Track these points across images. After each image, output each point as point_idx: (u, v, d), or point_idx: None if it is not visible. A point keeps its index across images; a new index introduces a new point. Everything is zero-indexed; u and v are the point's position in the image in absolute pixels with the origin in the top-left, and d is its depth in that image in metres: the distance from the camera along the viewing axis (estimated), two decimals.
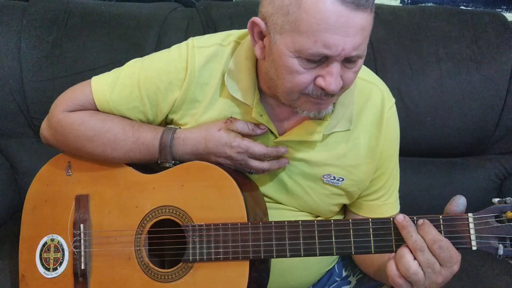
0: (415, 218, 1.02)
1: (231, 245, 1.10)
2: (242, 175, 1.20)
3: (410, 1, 2.05)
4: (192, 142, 1.17)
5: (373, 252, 1.05)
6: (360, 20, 0.97)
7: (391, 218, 1.04)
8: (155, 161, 1.20)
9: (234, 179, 1.13)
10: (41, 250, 1.25)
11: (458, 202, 1.03)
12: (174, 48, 1.22)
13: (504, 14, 1.89)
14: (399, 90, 1.74)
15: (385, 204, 1.27)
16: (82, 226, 1.22)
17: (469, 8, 2.03)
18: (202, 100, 1.19)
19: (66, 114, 1.23)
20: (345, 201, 1.28)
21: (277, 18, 1.00)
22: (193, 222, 1.13)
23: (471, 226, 1.01)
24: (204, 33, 1.66)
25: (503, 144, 1.83)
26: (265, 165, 1.17)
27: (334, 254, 1.08)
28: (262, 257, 1.10)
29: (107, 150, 1.21)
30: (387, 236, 1.04)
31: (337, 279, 1.35)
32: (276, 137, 1.19)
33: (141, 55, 1.26)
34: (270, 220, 1.18)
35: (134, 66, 1.22)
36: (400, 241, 1.03)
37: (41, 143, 1.35)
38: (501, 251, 1.00)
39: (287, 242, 1.08)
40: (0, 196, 1.67)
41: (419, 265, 1.00)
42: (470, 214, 1.02)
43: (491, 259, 1.56)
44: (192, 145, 1.17)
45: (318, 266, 1.32)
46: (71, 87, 1.27)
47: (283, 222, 1.09)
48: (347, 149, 1.21)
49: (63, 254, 1.24)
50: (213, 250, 1.11)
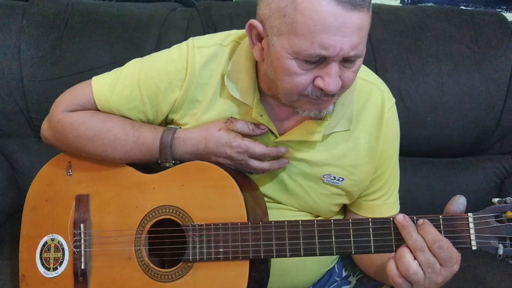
0: (415, 218, 1.02)
1: (231, 244, 1.10)
2: (242, 175, 1.20)
3: (410, 1, 2.05)
4: (192, 142, 1.17)
5: (373, 252, 1.05)
6: (356, 19, 0.97)
7: (391, 218, 1.04)
8: (156, 161, 1.20)
9: (234, 179, 1.13)
10: (41, 250, 1.25)
11: (458, 202, 1.03)
12: (174, 48, 1.22)
13: (504, 14, 1.89)
14: (399, 90, 1.73)
15: (385, 204, 1.27)
16: (82, 226, 1.22)
17: (469, 8, 2.03)
18: (202, 100, 1.19)
19: (66, 114, 1.23)
20: (345, 201, 1.28)
21: (274, 20, 1.00)
22: (193, 222, 1.13)
23: (471, 226, 1.01)
24: (204, 33, 1.66)
25: (503, 144, 1.83)
26: (265, 165, 1.17)
27: (334, 254, 1.08)
28: (262, 257, 1.10)
29: (108, 150, 1.21)
30: (387, 236, 1.04)
31: (337, 279, 1.35)
32: (276, 137, 1.19)
33: (141, 55, 1.26)
34: (270, 220, 1.18)
35: (135, 66, 1.22)
36: (400, 241, 1.02)
37: (41, 143, 1.35)
38: (501, 251, 1.00)
39: (287, 242, 1.08)
40: (0, 196, 1.67)
41: (419, 265, 1.00)
42: (470, 214, 1.02)
43: (491, 259, 1.56)
44: (192, 145, 1.17)
45: (318, 266, 1.32)
46: (72, 87, 1.27)
47: (283, 222, 1.09)
48: (347, 149, 1.21)
49: (63, 254, 1.24)
50: (213, 250, 1.11)
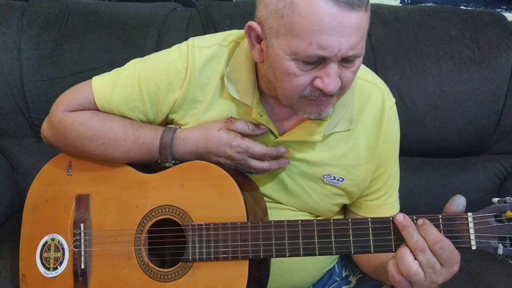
0: (415, 217, 1.02)
1: (231, 244, 1.10)
2: (242, 175, 1.20)
3: (410, 1, 2.05)
4: (192, 141, 1.17)
5: (372, 251, 1.05)
6: (354, 19, 0.96)
7: (390, 218, 1.04)
8: (156, 161, 1.20)
9: (234, 179, 1.13)
10: (41, 250, 1.26)
11: (458, 202, 1.02)
12: (175, 48, 1.22)
13: (504, 14, 1.89)
14: (399, 90, 1.73)
15: (385, 204, 1.27)
16: (82, 225, 1.22)
17: (469, 8, 2.03)
18: (203, 100, 1.19)
19: (66, 114, 1.23)
20: (345, 201, 1.28)
21: (272, 22, 1.00)
22: (192, 222, 1.13)
23: (471, 225, 1.01)
24: (204, 33, 1.66)
25: (503, 144, 1.83)
26: (265, 165, 1.17)
27: (334, 253, 1.08)
28: (262, 256, 1.10)
29: (108, 150, 1.21)
30: (387, 235, 1.04)
31: (337, 279, 1.35)
32: (276, 137, 1.19)
33: (141, 55, 1.26)
34: (270, 220, 1.18)
35: (135, 66, 1.22)
36: (399, 240, 1.02)
37: (41, 143, 1.36)
38: (500, 251, 1.00)
39: (286, 241, 1.08)
40: (0, 196, 1.67)
41: (420, 265, 0.99)
42: (469, 214, 1.01)
43: (491, 259, 1.56)
44: (192, 144, 1.17)
45: (318, 266, 1.32)
46: (72, 87, 1.27)
47: (283, 221, 1.09)
48: (347, 149, 1.21)
49: (63, 254, 1.24)
50: (212, 250, 1.11)
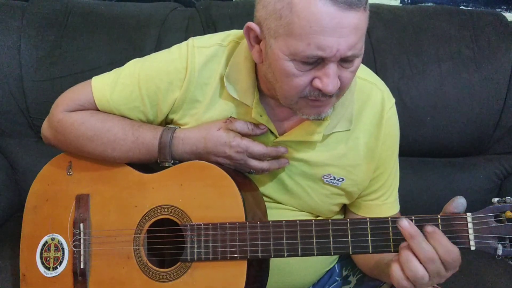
0: (413, 217, 1.01)
1: (229, 244, 1.10)
2: (242, 175, 1.20)
3: (410, 1, 2.05)
4: (191, 141, 1.17)
5: (371, 252, 1.05)
6: (353, 19, 0.96)
7: (389, 218, 1.03)
8: (155, 160, 1.20)
9: (233, 179, 1.13)
10: (41, 249, 1.26)
11: (458, 203, 1.01)
12: (175, 48, 1.22)
13: (504, 14, 1.89)
14: (399, 90, 1.73)
15: (384, 204, 1.27)
16: (82, 225, 1.22)
17: (469, 8, 2.02)
18: (202, 100, 1.19)
19: (66, 114, 1.23)
20: (344, 201, 1.28)
21: (270, 23, 1.00)
22: (191, 222, 1.13)
23: (470, 226, 1.00)
24: (204, 33, 1.66)
25: (503, 144, 1.83)
26: (264, 165, 1.17)
27: (332, 254, 1.07)
28: (260, 256, 1.09)
29: (107, 149, 1.21)
30: (385, 236, 1.03)
31: (337, 279, 1.35)
32: (276, 137, 1.19)
33: (141, 55, 1.26)
34: (269, 220, 1.18)
35: (135, 66, 1.22)
36: (398, 241, 1.01)
37: (41, 143, 1.36)
38: (500, 251, 0.99)
39: (285, 241, 1.08)
40: (0, 196, 1.67)
41: (427, 272, 0.98)
42: (468, 214, 1.00)
43: (491, 259, 1.55)
44: (191, 144, 1.17)
45: (318, 266, 1.31)
46: (72, 87, 1.27)
47: (281, 221, 1.09)
48: (347, 149, 1.21)
49: (63, 253, 1.24)
50: (211, 250, 1.11)
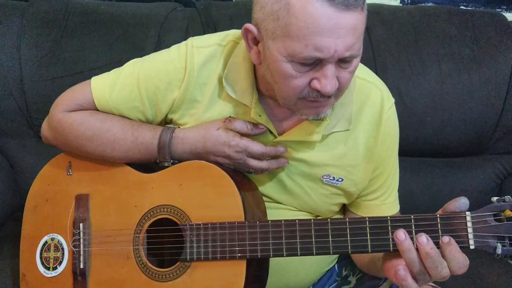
0: (412, 216, 1.02)
1: (228, 244, 1.10)
2: (241, 175, 1.20)
3: (410, 1, 2.05)
4: (190, 141, 1.17)
5: (370, 251, 1.04)
6: (350, 20, 0.96)
7: (388, 217, 1.03)
8: (154, 160, 1.20)
9: (232, 179, 1.13)
10: (41, 249, 1.26)
11: (461, 204, 1.01)
12: (174, 48, 1.22)
13: (504, 14, 1.88)
14: (399, 90, 1.73)
15: (383, 204, 1.27)
16: (81, 225, 1.22)
17: (469, 8, 2.02)
18: (202, 100, 1.19)
19: (65, 114, 1.23)
20: (344, 201, 1.28)
21: (268, 24, 1.00)
22: (190, 221, 1.13)
23: (469, 224, 1.00)
24: (204, 33, 1.66)
25: (503, 144, 1.82)
26: (264, 164, 1.17)
27: (331, 253, 1.07)
28: (259, 256, 1.09)
29: (107, 149, 1.21)
30: (384, 235, 1.03)
31: (337, 279, 1.35)
32: (275, 137, 1.19)
33: (141, 55, 1.26)
34: (269, 219, 1.18)
35: (134, 66, 1.22)
36: None
37: (41, 143, 1.36)
38: (499, 250, 0.99)
39: (284, 241, 1.08)
40: (0, 196, 1.67)
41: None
42: (468, 213, 1.00)
43: (491, 259, 1.56)
44: (191, 144, 1.17)
45: (318, 265, 1.31)
46: (71, 87, 1.27)
47: (280, 221, 1.09)
48: (347, 149, 1.21)
49: (63, 253, 1.24)
50: (210, 249, 1.11)
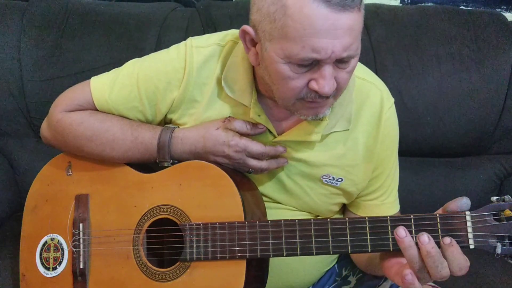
0: (412, 216, 1.02)
1: (228, 244, 1.10)
2: (241, 175, 1.20)
3: (410, 1, 2.05)
4: (190, 141, 1.17)
5: (369, 251, 1.04)
6: (347, 20, 0.96)
7: (388, 217, 1.03)
8: (154, 160, 1.20)
9: (232, 178, 1.13)
10: (41, 250, 1.26)
11: (463, 204, 1.01)
12: (173, 48, 1.22)
13: (504, 14, 1.88)
14: (399, 90, 1.73)
15: (383, 204, 1.27)
16: (81, 225, 1.22)
17: (469, 8, 2.02)
18: (201, 100, 1.19)
19: (65, 114, 1.23)
20: (343, 200, 1.28)
21: (265, 26, 1.00)
22: (190, 221, 1.13)
23: (469, 224, 1.00)
24: (204, 33, 1.66)
25: (503, 144, 1.83)
26: (263, 164, 1.17)
27: (331, 253, 1.07)
28: (259, 256, 1.09)
29: (106, 149, 1.21)
30: (384, 235, 1.03)
31: (337, 279, 1.35)
32: (274, 136, 1.19)
33: (141, 55, 1.26)
34: (269, 219, 1.18)
35: (133, 66, 1.22)
36: None
37: (41, 143, 1.36)
38: (499, 250, 0.99)
39: (284, 241, 1.08)
40: (0, 196, 1.67)
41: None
42: (467, 212, 1.00)
43: (491, 259, 1.55)
44: (190, 144, 1.17)
45: (317, 265, 1.31)
46: (70, 88, 1.27)
47: (280, 220, 1.09)
48: (346, 149, 1.20)
49: (63, 254, 1.24)
50: (210, 249, 1.11)
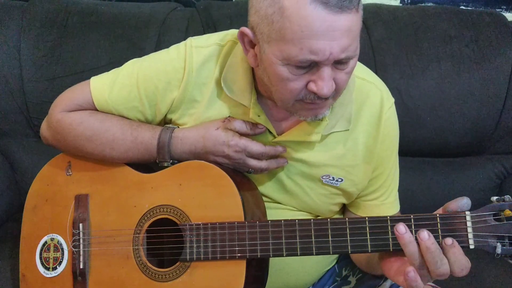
0: (412, 216, 1.01)
1: (228, 244, 1.10)
2: (241, 175, 1.20)
3: (410, 1, 2.05)
4: (190, 141, 1.17)
5: (369, 251, 1.04)
6: (345, 22, 0.95)
7: (387, 217, 1.03)
8: (154, 160, 1.20)
9: (232, 178, 1.12)
10: (41, 250, 1.26)
11: (463, 204, 1.01)
12: (173, 48, 1.22)
13: (504, 14, 1.88)
14: (399, 90, 1.73)
15: (383, 204, 1.27)
16: (81, 225, 1.22)
17: (469, 8, 2.02)
18: (201, 100, 1.19)
19: (65, 114, 1.23)
20: (343, 201, 1.28)
21: (263, 28, 1.00)
22: (190, 221, 1.13)
23: (469, 224, 1.00)
24: (204, 33, 1.66)
25: (503, 144, 1.82)
26: (263, 164, 1.17)
27: (331, 253, 1.07)
28: (259, 256, 1.09)
29: (106, 149, 1.21)
30: (384, 235, 1.03)
31: (337, 279, 1.35)
32: (274, 137, 1.19)
33: (141, 55, 1.26)
34: (268, 219, 1.18)
35: (133, 66, 1.22)
36: (397, 239, 1.01)
37: (41, 143, 1.36)
38: (499, 250, 0.99)
39: (284, 241, 1.07)
40: (0, 196, 1.67)
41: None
42: (467, 212, 1.00)
43: (491, 259, 1.55)
44: (190, 144, 1.17)
45: (318, 266, 1.31)
46: (70, 88, 1.27)
47: (280, 221, 1.09)
48: (346, 149, 1.20)
49: (63, 254, 1.24)
50: (210, 249, 1.11)
